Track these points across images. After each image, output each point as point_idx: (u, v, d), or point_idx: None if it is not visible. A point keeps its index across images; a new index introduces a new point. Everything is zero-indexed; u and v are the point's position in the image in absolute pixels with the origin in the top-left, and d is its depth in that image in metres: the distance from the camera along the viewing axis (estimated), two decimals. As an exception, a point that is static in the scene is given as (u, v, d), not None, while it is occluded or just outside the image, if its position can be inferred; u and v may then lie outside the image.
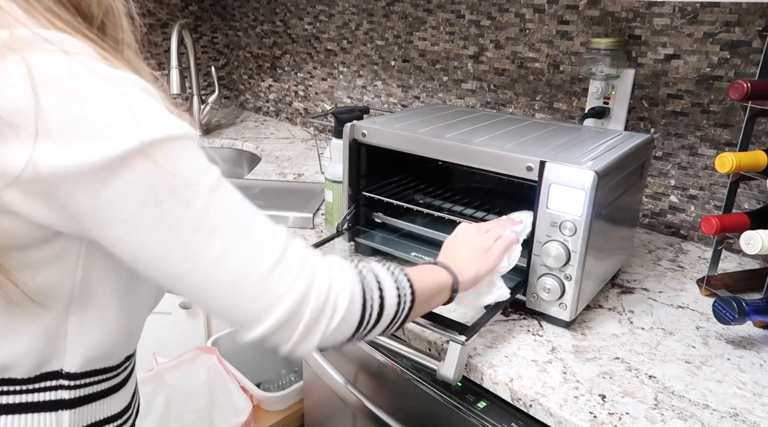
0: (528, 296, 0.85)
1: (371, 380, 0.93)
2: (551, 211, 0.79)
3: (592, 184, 0.75)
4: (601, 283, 0.93)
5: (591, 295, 0.89)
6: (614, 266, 0.97)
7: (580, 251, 0.78)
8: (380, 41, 1.68)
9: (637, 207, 1.01)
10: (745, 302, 0.77)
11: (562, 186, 0.77)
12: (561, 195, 0.78)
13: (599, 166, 0.77)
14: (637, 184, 0.95)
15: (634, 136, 0.95)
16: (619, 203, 0.88)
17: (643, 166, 0.96)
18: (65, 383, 0.54)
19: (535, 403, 0.71)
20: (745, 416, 0.68)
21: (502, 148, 0.85)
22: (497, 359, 0.77)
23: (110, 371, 0.58)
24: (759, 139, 1.01)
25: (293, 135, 2.01)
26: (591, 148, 0.87)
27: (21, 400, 0.53)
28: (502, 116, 1.10)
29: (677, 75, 1.10)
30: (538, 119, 1.09)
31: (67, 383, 0.55)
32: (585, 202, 0.76)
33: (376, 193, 1.04)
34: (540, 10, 1.28)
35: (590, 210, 0.76)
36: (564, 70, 1.28)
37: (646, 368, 0.76)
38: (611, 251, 0.92)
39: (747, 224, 0.85)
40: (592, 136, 0.95)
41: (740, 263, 1.07)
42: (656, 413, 0.68)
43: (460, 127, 0.98)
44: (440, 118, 1.05)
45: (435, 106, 1.20)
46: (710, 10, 1.04)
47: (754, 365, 0.78)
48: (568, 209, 0.78)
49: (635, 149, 0.90)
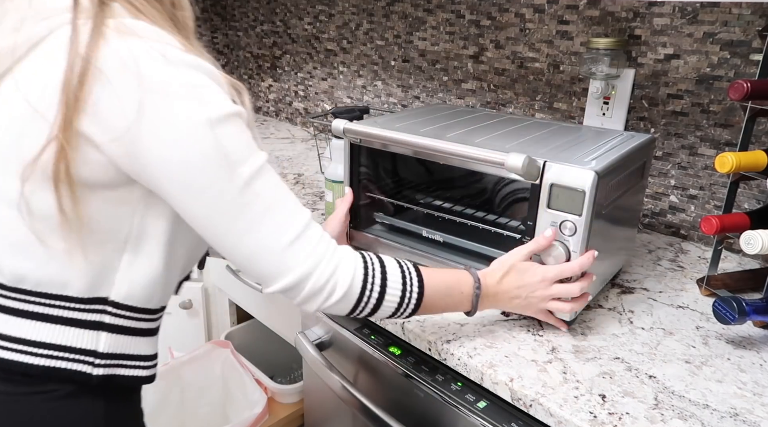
0: None
1: (371, 380, 0.93)
2: (552, 211, 0.79)
3: (592, 184, 0.75)
4: (601, 283, 0.93)
5: (592, 294, 0.89)
6: (615, 266, 0.97)
7: (580, 250, 0.78)
8: (380, 41, 1.68)
9: (638, 207, 1.00)
10: (745, 302, 0.77)
11: (562, 186, 0.78)
12: (561, 195, 0.78)
13: (599, 166, 0.77)
14: (638, 185, 0.95)
15: (635, 137, 0.95)
16: (620, 203, 0.88)
17: (644, 167, 0.96)
18: (109, 309, 0.64)
19: (535, 403, 0.71)
20: (745, 416, 0.68)
21: (503, 149, 0.85)
22: (497, 359, 0.77)
23: (146, 313, 0.67)
24: (759, 139, 1.01)
25: (293, 135, 2.01)
26: (592, 148, 0.87)
27: (71, 315, 0.62)
28: (502, 116, 1.10)
29: (677, 75, 1.10)
30: (539, 119, 1.09)
31: (110, 310, 0.64)
32: (585, 202, 0.76)
33: (377, 194, 1.04)
34: (540, 10, 1.28)
35: (590, 210, 0.76)
36: (564, 70, 1.28)
37: (646, 368, 0.76)
38: (612, 251, 0.92)
39: (747, 224, 0.85)
40: (593, 136, 0.95)
41: (740, 263, 1.07)
42: (656, 413, 0.68)
43: (461, 127, 0.98)
44: (440, 118, 1.05)
45: (436, 106, 1.20)
46: (710, 10, 1.04)
47: (754, 365, 0.78)
48: (569, 209, 0.78)
49: (636, 149, 0.90)
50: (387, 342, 0.91)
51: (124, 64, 0.54)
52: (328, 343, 1.01)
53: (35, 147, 0.55)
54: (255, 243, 0.61)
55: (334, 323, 0.98)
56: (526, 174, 0.78)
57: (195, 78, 0.57)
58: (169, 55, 0.56)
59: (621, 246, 0.96)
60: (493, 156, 0.80)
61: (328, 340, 1.01)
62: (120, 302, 0.64)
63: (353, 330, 0.95)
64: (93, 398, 0.64)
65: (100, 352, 0.63)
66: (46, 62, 0.56)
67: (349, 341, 0.95)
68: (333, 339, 1.00)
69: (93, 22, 0.55)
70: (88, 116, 0.54)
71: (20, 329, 0.60)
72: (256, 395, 1.27)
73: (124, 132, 0.54)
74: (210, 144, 0.56)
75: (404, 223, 1.04)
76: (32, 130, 0.55)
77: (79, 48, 0.54)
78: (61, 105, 0.53)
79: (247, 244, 0.61)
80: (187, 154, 0.56)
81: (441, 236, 0.98)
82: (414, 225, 1.02)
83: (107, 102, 0.54)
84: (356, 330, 0.95)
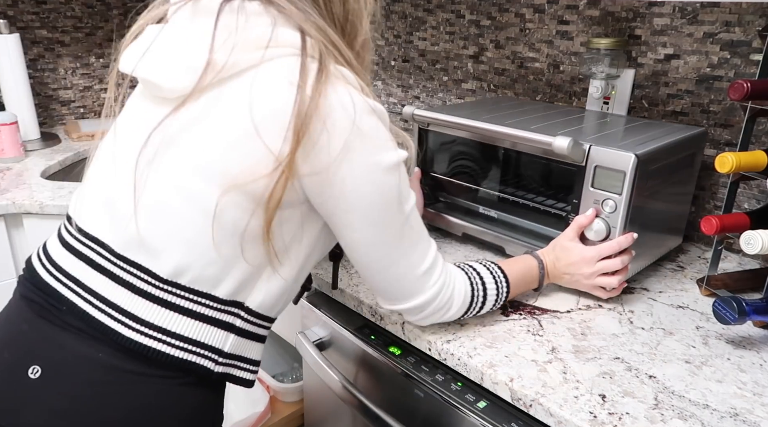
0: None
1: (371, 380, 0.93)
2: (595, 190, 0.89)
3: (632, 166, 0.84)
4: (645, 261, 0.99)
5: (634, 271, 0.96)
6: (661, 248, 1.03)
7: (620, 226, 0.87)
8: (380, 41, 1.68)
9: (688, 196, 1.05)
10: (745, 302, 0.77)
11: (604, 168, 0.87)
12: (604, 176, 0.88)
13: (641, 150, 0.86)
14: (687, 173, 1.01)
15: (684, 129, 1.01)
16: (667, 188, 0.96)
17: (694, 157, 1.02)
18: (242, 314, 0.68)
19: (535, 403, 0.71)
20: (745, 416, 0.68)
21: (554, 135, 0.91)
22: (497, 359, 0.77)
23: (267, 321, 0.73)
24: (759, 139, 1.01)
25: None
26: (640, 136, 0.95)
27: (210, 314, 0.66)
28: (556, 108, 1.19)
29: (677, 75, 1.10)
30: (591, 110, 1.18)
31: (243, 315, 0.68)
32: (626, 182, 0.85)
33: (439, 174, 1.16)
34: (540, 10, 1.28)
35: (630, 190, 0.85)
36: (564, 70, 1.28)
37: (646, 368, 0.76)
38: (655, 232, 0.98)
39: (747, 224, 0.85)
40: (643, 127, 1.02)
41: (740, 263, 1.07)
42: (656, 413, 0.68)
43: (520, 116, 1.09)
44: (502, 109, 1.16)
45: (498, 98, 1.32)
46: (710, 10, 1.04)
47: (754, 365, 0.78)
48: (610, 189, 0.87)
49: (684, 140, 0.96)
50: (387, 342, 0.91)
51: (344, 109, 0.61)
52: (328, 343, 1.01)
53: (245, 166, 0.60)
54: (404, 268, 0.71)
55: (334, 323, 0.98)
56: (572, 155, 0.88)
57: (385, 125, 0.66)
58: (371, 104, 0.64)
59: (669, 228, 1.03)
60: (542, 138, 0.90)
61: (328, 340, 1.01)
62: (253, 308, 0.69)
63: (353, 330, 0.95)
64: (208, 389, 0.69)
65: (225, 351, 0.68)
66: (267, 91, 0.61)
67: (349, 341, 0.95)
68: (333, 339, 1.00)
69: (319, 65, 0.61)
70: (303, 150, 0.60)
71: (163, 319, 0.64)
72: (259, 394, 1.27)
73: (325, 168, 0.62)
74: (392, 185, 0.66)
75: (463, 201, 1.14)
76: (245, 148, 0.61)
77: (307, 88, 0.60)
78: (291, 140, 0.59)
79: (396, 268, 0.71)
80: (374, 192, 0.64)
81: (496, 213, 1.08)
82: (472, 203, 1.12)
83: (320, 141, 0.60)
84: (356, 330, 0.95)
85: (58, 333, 0.65)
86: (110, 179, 0.68)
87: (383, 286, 0.73)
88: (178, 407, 0.66)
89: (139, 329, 0.63)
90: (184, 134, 0.63)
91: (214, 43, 0.61)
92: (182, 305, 0.65)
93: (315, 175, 0.62)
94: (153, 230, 0.64)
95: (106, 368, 0.63)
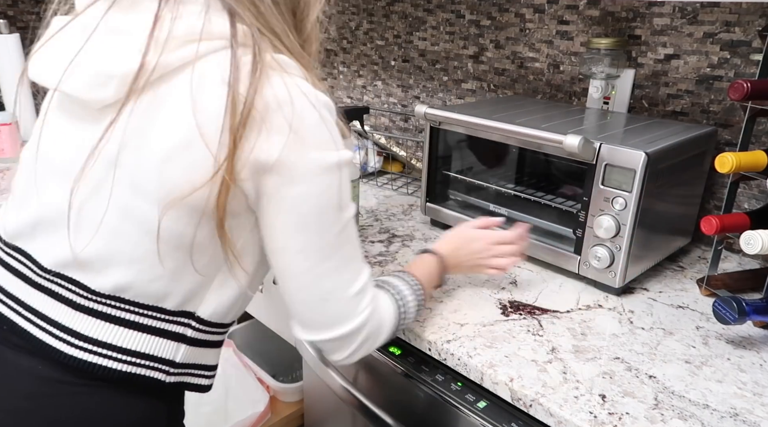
0: (581, 264, 0.95)
1: (371, 380, 0.93)
2: (605, 188, 0.89)
3: (642, 164, 0.84)
4: (653, 259, 1.00)
5: (643, 269, 0.97)
6: (670, 246, 1.04)
7: (629, 223, 0.87)
8: (380, 41, 1.68)
9: (698, 194, 1.05)
10: (745, 302, 0.77)
11: (614, 166, 0.88)
12: (614, 173, 0.88)
13: (651, 148, 0.86)
14: (697, 172, 1.02)
15: (693, 128, 1.01)
16: (677, 187, 0.97)
17: (704, 156, 1.02)
18: (193, 323, 0.65)
19: (535, 403, 0.71)
20: (745, 416, 0.68)
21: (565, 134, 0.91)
22: (497, 359, 0.77)
23: (220, 328, 0.69)
24: (759, 139, 1.01)
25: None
26: (650, 135, 0.95)
27: (159, 325, 0.63)
28: (569, 107, 1.19)
29: (677, 75, 1.10)
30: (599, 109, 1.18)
31: (194, 325, 0.65)
32: (635, 180, 0.85)
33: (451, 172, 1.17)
34: (540, 10, 1.28)
35: (640, 188, 0.86)
36: (564, 70, 1.28)
37: (646, 368, 0.76)
38: (664, 230, 0.99)
39: (747, 224, 0.85)
40: (652, 125, 1.03)
41: (740, 263, 1.07)
42: (656, 413, 0.68)
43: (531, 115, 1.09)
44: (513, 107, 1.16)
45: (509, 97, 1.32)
46: (710, 10, 1.04)
47: (754, 365, 0.78)
48: (620, 186, 0.88)
49: (694, 139, 0.96)
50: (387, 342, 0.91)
51: (280, 107, 0.56)
52: (328, 343, 1.01)
53: (183, 178, 0.56)
54: (331, 286, 0.63)
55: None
56: (582, 153, 0.88)
57: (329, 121, 0.60)
58: (311, 96, 0.58)
59: (678, 227, 1.03)
60: (554, 137, 0.90)
61: (328, 340, 1.01)
62: (205, 318, 0.66)
63: (353, 330, 0.95)
64: (158, 398, 0.66)
65: (177, 362, 0.65)
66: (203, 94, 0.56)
67: (349, 341, 0.95)
68: (333, 339, 1.00)
69: (253, 57, 0.56)
70: (243, 154, 0.55)
71: (107, 334, 0.61)
72: (258, 394, 1.27)
73: (265, 169, 0.57)
74: (330, 186, 0.59)
75: (474, 199, 1.15)
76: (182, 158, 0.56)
77: (240, 86, 0.54)
78: (228, 144, 0.54)
79: (323, 285, 0.63)
80: (309, 192, 0.58)
81: (506, 211, 1.09)
82: (483, 201, 1.13)
83: (260, 143, 0.56)
84: (356, 330, 0.95)
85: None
86: (37, 198, 0.64)
87: (305, 308, 0.64)
88: (125, 414, 0.64)
89: (82, 346, 0.60)
90: (121, 153, 0.58)
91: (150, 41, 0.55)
92: (127, 318, 0.61)
93: (254, 178, 0.57)
94: (91, 251, 0.60)
95: (46, 380, 0.61)
